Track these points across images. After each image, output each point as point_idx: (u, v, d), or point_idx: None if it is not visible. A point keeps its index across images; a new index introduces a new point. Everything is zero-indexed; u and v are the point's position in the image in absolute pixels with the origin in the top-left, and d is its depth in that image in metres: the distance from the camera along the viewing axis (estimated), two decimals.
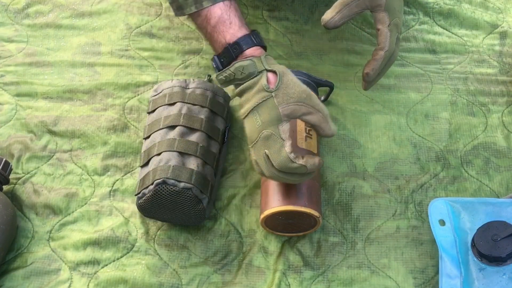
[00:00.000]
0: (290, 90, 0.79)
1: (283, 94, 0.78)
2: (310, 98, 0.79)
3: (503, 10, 1.13)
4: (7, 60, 1.05)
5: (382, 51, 0.85)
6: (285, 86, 0.79)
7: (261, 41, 0.83)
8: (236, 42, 0.81)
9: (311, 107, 0.79)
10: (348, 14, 0.84)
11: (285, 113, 0.78)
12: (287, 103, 0.78)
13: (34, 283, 0.83)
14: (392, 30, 0.85)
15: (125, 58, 1.06)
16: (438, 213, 0.85)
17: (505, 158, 0.94)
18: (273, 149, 0.77)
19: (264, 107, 0.79)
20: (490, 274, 0.77)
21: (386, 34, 0.85)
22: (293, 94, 0.79)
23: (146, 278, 0.83)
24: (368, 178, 0.92)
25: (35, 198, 0.90)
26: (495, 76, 1.04)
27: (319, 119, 0.79)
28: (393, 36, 0.85)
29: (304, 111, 0.78)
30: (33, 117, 0.98)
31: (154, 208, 0.84)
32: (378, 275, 0.84)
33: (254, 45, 0.82)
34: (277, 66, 0.81)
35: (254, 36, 0.83)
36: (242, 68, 0.80)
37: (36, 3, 1.13)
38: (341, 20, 0.84)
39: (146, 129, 0.91)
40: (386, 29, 0.85)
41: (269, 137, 0.78)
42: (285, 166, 0.77)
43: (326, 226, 0.88)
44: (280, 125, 0.78)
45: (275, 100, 0.78)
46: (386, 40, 0.85)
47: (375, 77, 0.86)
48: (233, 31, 0.82)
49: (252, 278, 0.84)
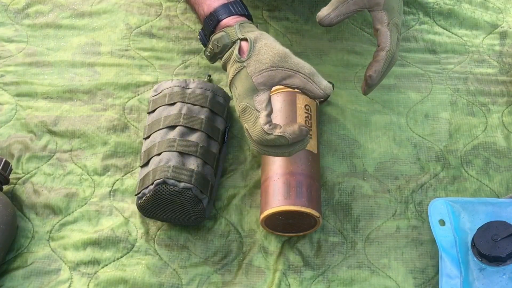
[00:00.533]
0: (262, 56, 0.74)
1: (255, 62, 0.74)
2: (286, 59, 0.74)
3: (503, 10, 1.13)
4: (7, 60, 1.05)
5: (383, 52, 0.81)
6: (257, 53, 0.74)
7: (242, 10, 0.79)
8: (211, 13, 0.78)
9: (289, 70, 0.74)
10: (345, 12, 0.81)
11: (259, 81, 0.74)
12: (260, 70, 0.73)
13: (34, 283, 0.83)
14: (391, 30, 0.82)
15: (125, 58, 1.06)
16: (438, 213, 0.85)
17: (505, 158, 0.94)
18: (250, 122, 0.73)
19: (238, 79, 0.75)
20: (490, 274, 0.77)
21: (386, 34, 0.81)
22: (266, 59, 0.74)
23: (146, 278, 0.83)
24: (368, 178, 0.92)
25: (35, 198, 0.90)
26: (495, 76, 1.04)
27: (301, 80, 0.74)
28: (393, 35, 0.82)
29: (282, 75, 0.74)
30: (33, 117, 0.98)
31: (154, 208, 0.84)
32: (378, 275, 0.84)
33: (231, 14, 0.78)
34: (251, 33, 0.76)
35: (233, 5, 0.79)
36: (217, 41, 0.77)
37: (36, 3, 1.13)
38: (337, 18, 0.81)
39: (146, 129, 0.91)
40: (386, 29, 0.82)
41: (245, 110, 0.74)
42: (262, 138, 0.72)
43: (326, 226, 0.88)
44: (256, 96, 0.73)
45: (248, 70, 0.74)
46: (386, 40, 0.81)
47: (378, 80, 0.83)
48: (210, 2, 0.79)
49: (252, 278, 0.84)
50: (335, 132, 0.97)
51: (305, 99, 0.91)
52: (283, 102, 0.90)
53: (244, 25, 0.78)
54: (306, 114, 0.89)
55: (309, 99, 0.91)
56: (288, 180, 0.83)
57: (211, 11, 0.79)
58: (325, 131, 0.96)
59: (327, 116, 0.98)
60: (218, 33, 0.78)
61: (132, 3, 1.13)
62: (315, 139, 0.88)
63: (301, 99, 0.90)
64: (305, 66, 0.75)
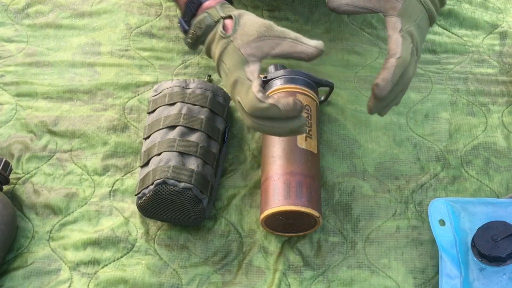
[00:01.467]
0: (248, 28, 0.74)
1: (241, 35, 0.74)
2: (271, 28, 0.74)
3: (503, 10, 1.13)
4: (7, 60, 1.05)
5: (393, 58, 0.75)
6: (242, 27, 0.75)
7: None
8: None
9: (276, 37, 0.74)
10: (358, 4, 0.78)
11: (249, 52, 0.74)
12: (248, 42, 0.74)
13: (34, 283, 0.83)
14: (404, 37, 0.77)
15: (125, 58, 1.06)
16: (438, 213, 0.85)
17: (505, 158, 0.94)
18: (242, 93, 0.73)
19: (226, 55, 0.75)
20: (490, 274, 0.77)
21: (397, 40, 0.76)
22: (252, 31, 0.74)
23: (146, 278, 0.83)
24: (368, 178, 0.92)
25: (35, 198, 0.90)
26: (495, 76, 1.04)
27: (290, 44, 0.74)
28: (406, 43, 0.77)
29: (271, 45, 0.74)
30: (33, 117, 0.98)
31: (154, 208, 0.84)
32: (378, 275, 0.84)
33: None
34: (234, 11, 0.77)
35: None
36: (199, 24, 0.77)
37: (36, 3, 1.13)
38: (347, 6, 0.78)
39: (146, 129, 0.91)
40: (398, 35, 0.77)
41: (236, 82, 0.74)
42: (254, 107, 0.71)
43: (326, 226, 0.88)
44: (247, 66, 0.73)
45: (235, 43, 0.74)
46: (397, 46, 0.76)
47: (387, 91, 0.75)
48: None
49: (252, 278, 0.84)
50: (335, 132, 0.97)
51: (305, 99, 0.91)
52: None
53: (225, 5, 0.78)
54: (306, 114, 0.89)
55: (309, 99, 0.91)
56: (288, 180, 0.83)
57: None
58: (325, 131, 0.97)
59: (327, 116, 0.98)
60: (200, 16, 0.78)
61: (132, 3, 1.13)
62: (315, 139, 0.88)
63: (301, 99, 0.90)
64: (290, 32, 0.74)
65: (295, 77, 0.93)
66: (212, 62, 1.05)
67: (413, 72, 0.79)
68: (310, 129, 0.88)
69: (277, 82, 0.93)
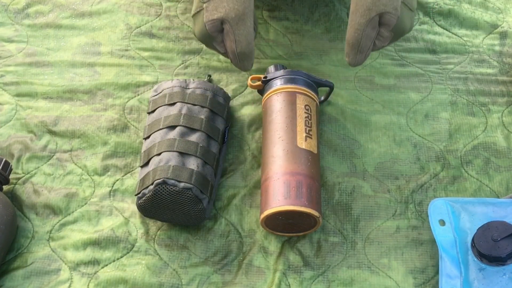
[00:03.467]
0: (221, 3, 0.72)
1: (213, 8, 0.73)
2: (242, 22, 0.72)
3: (503, 10, 1.13)
4: (7, 60, 1.06)
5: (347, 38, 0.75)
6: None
7: None
8: None
9: (232, 33, 0.73)
10: (370, 45, 0.75)
11: (211, 30, 0.73)
12: (212, 20, 0.72)
13: (34, 283, 0.83)
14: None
15: (125, 58, 1.06)
16: (438, 213, 0.85)
17: (505, 158, 0.94)
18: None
19: (196, 20, 0.75)
20: (490, 274, 0.77)
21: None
22: (222, 8, 0.72)
23: (146, 278, 0.83)
24: (368, 178, 0.92)
25: (35, 198, 0.90)
26: (495, 76, 1.04)
27: (232, 50, 0.73)
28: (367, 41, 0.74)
29: (225, 31, 0.73)
30: (33, 117, 0.98)
31: (154, 208, 0.84)
32: (378, 275, 0.84)
33: None
34: None
35: None
36: None
37: (36, 3, 1.13)
38: (367, 57, 0.76)
39: (146, 129, 0.91)
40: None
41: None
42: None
43: (326, 226, 0.88)
44: (214, 42, 0.75)
45: (205, 14, 0.73)
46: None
47: (358, 61, 0.75)
48: None
49: (252, 278, 0.84)
50: (335, 132, 0.97)
51: (305, 99, 0.91)
52: (283, 102, 0.90)
53: None
54: (306, 114, 0.89)
55: (309, 99, 0.91)
56: (288, 180, 0.83)
57: None
58: (325, 131, 0.97)
59: (327, 116, 0.98)
60: None
61: (132, 3, 1.13)
62: (315, 139, 0.88)
63: (301, 99, 0.90)
64: (247, 44, 0.73)
65: (295, 77, 0.93)
66: (212, 62, 1.05)
67: (409, 25, 0.76)
68: (310, 129, 0.88)
69: (277, 82, 0.93)
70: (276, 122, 0.89)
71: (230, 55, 0.74)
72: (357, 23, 0.72)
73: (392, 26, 0.73)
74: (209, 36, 0.74)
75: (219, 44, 0.75)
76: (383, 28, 0.74)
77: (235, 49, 0.73)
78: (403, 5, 0.73)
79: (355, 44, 0.73)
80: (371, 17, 0.71)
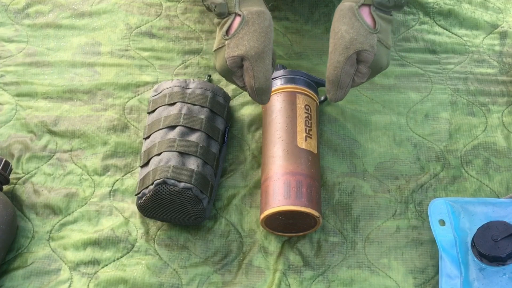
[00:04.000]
0: (242, 41, 0.76)
1: (233, 45, 0.76)
2: (261, 60, 0.76)
3: (503, 10, 1.13)
4: (7, 60, 1.05)
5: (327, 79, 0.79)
6: (241, 35, 0.76)
7: None
8: None
9: (251, 70, 0.76)
10: (349, 82, 0.78)
11: (231, 66, 0.77)
12: (232, 56, 0.76)
13: (34, 283, 0.83)
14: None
15: (125, 58, 1.06)
16: (438, 213, 0.85)
17: (505, 158, 0.94)
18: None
19: (217, 55, 0.79)
20: (490, 274, 0.77)
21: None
22: (243, 46, 0.76)
23: (146, 278, 0.83)
24: (368, 178, 0.92)
25: (35, 198, 0.90)
26: (495, 76, 1.04)
27: (250, 85, 0.77)
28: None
29: (244, 67, 0.77)
30: (33, 117, 0.98)
31: (154, 208, 0.84)
32: (378, 275, 0.84)
33: None
34: (248, 10, 0.78)
35: None
36: (214, 6, 0.79)
37: (36, 3, 1.13)
38: (347, 93, 0.79)
39: (146, 129, 0.91)
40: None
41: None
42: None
43: (326, 226, 0.88)
44: (234, 77, 0.78)
45: (226, 50, 0.77)
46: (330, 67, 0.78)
47: (339, 96, 0.79)
48: None
49: (252, 278, 0.84)
50: (335, 132, 0.97)
51: (305, 99, 0.91)
52: (283, 102, 0.90)
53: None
54: (306, 114, 0.89)
55: (309, 99, 0.91)
56: (288, 180, 0.83)
57: None
58: (325, 131, 0.96)
59: (327, 116, 0.98)
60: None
61: (132, 3, 1.13)
62: (315, 139, 0.88)
63: (301, 99, 0.90)
64: (265, 81, 0.77)
65: (295, 77, 0.93)
66: (212, 62, 1.05)
67: (386, 62, 0.79)
68: (310, 129, 0.88)
69: (277, 82, 0.93)
70: (276, 122, 0.89)
71: (249, 89, 0.78)
72: (336, 61, 0.76)
73: (370, 62, 0.77)
74: (229, 71, 0.78)
75: (238, 79, 0.79)
76: (361, 65, 0.78)
77: (254, 84, 0.77)
78: (379, 43, 0.77)
79: (334, 81, 0.77)
80: (349, 55, 0.75)
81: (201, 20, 1.11)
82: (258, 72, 0.76)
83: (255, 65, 0.76)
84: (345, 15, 0.77)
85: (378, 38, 0.77)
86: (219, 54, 0.79)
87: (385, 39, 0.78)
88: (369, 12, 0.77)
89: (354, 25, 0.76)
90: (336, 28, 0.77)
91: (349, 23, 0.76)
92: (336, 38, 0.77)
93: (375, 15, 0.77)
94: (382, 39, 0.78)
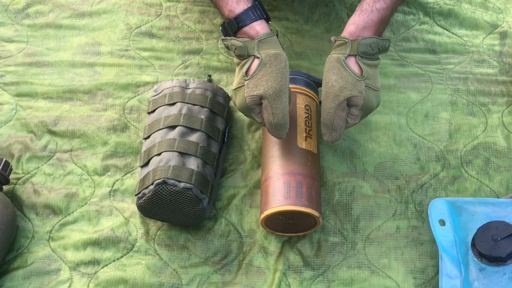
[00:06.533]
0: (261, 81, 0.81)
1: (252, 86, 0.81)
2: (279, 98, 0.80)
3: (503, 10, 1.13)
4: (7, 60, 1.05)
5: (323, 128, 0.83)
6: (259, 76, 0.81)
7: (261, 14, 0.85)
8: (232, 20, 0.84)
9: (269, 107, 0.80)
10: (342, 124, 0.82)
11: (251, 104, 0.82)
12: (252, 95, 0.81)
13: (34, 283, 0.83)
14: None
15: (125, 58, 1.06)
16: (438, 213, 0.85)
17: (505, 158, 0.94)
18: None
19: (237, 94, 0.84)
20: (490, 274, 0.77)
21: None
22: (261, 86, 0.81)
23: (146, 278, 0.83)
24: (368, 178, 0.92)
25: (35, 198, 0.90)
26: (495, 76, 1.04)
27: (269, 121, 0.81)
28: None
29: (263, 105, 0.81)
30: (33, 117, 0.98)
31: (154, 208, 0.84)
32: (378, 275, 0.84)
33: (252, 21, 0.84)
34: (266, 52, 0.82)
35: (253, 10, 0.85)
36: (234, 48, 0.84)
37: (36, 3, 1.13)
38: (341, 134, 0.84)
39: (146, 129, 0.91)
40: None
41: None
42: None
43: (326, 226, 0.88)
44: (253, 113, 0.83)
45: (245, 90, 0.82)
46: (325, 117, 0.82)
47: (334, 139, 0.83)
48: (230, 7, 0.85)
49: (252, 278, 0.84)
50: None
51: (305, 99, 0.91)
52: None
53: (264, 41, 0.83)
54: (306, 114, 0.89)
55: (309, 99, 0.91)
56: (288, 180, 0.83)
57: (233, 17, 0.84)
58: None
59: None
60: (237, 41, 0.84)
61: (132, 3, 1.13)
62: (315, 139, 0.88)
63: (301, 99, 0.90)
64: (282, 118, 0.81)
65: (295, 77, 0.93)
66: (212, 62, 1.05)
67: (376, 103, 0.85)
68: (310, 129, 0.88)
69: None
70: None
71: (267, 125, 0.83)
72: (328, 107, 0.81)
73: (360, 106, 0.82)
74: (249, 109, 0.83)
75: (257, 115, 0.84)
76: (352, 108, 0.83)
77: (272, 120, 0.81)
78: (367, 88, 0.82)
79: (328, 125, 0.82)
80: (339, 102, 0.81)
81: (201, 20, 1.11)
82: (276, 109, 0.81)
83: (273, 103, 0.80)
84: (334, 66, 0.83)
85: (365, 83, 0.82)
86: (239, 92, 0.83)
87: (372, 83, 0.83)
88: (355, 61, 0.83)
89: (343, 75, 0.82)
90: (327, 78, 0.83)
91: (338, 73, 0.82)
92: (327, 87, 0.82)
93: (361, 63, 0.83)
94: (369, 84, 0.83)
